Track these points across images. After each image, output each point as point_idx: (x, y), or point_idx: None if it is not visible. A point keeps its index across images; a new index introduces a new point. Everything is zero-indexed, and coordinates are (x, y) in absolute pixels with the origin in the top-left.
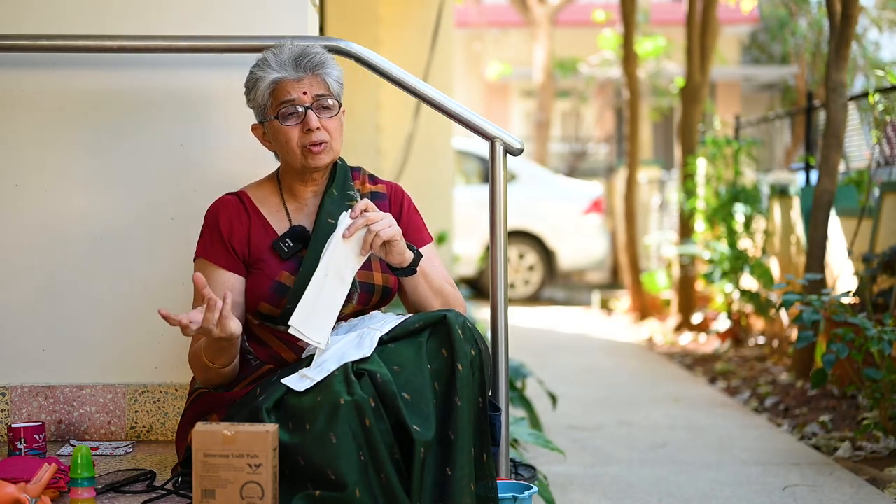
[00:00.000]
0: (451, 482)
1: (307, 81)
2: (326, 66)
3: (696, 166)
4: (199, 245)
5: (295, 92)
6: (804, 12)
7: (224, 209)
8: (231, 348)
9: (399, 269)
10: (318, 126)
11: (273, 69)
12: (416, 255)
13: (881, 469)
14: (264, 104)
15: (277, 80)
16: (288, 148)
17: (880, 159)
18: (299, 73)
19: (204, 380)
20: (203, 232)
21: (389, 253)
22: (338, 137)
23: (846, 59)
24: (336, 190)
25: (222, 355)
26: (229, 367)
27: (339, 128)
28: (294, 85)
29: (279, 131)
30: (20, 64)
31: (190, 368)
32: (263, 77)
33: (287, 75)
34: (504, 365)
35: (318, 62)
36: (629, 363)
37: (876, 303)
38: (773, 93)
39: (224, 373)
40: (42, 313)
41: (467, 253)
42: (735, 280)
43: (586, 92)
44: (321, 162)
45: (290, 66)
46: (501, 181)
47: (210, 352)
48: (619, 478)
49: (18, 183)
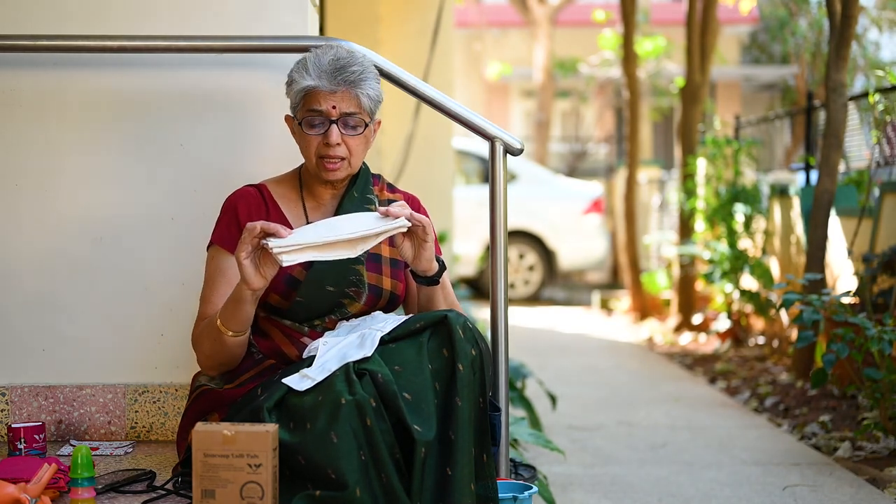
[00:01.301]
0: (452, 482)
1: (340, 96)
2: (363, 85)
3: (696, 166)
4: (216, 232)
5: (325, 104)
6: (804, 12)
7: (244, 199)
8: (247, 307)
9: (423, 278)
10: (338, 142)
11: (310, 75)
12: (442, 267)
13: (881, 469)
14: (296, 105)
15: (311, 88)
16: (307, 154)
17: (880, 159)
18: (334, 86)
19: (209, 354)
20: (220, 220)
21: (419, 256)
22: (359, 154)
23: (846, 59)
24: (356, 192)
25: (240, 316)
26: (240, 337)
27: (362, 145)
28: (326, 97)
29: (302, 136)
30: (20, 64)
31: (195, 349)
32: (299, 81)
33: (321, 85)
34: (504, 365)
35: (355, 79)
36: (629, 363)
37: (876, 303)
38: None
39: (232, 344)
40: (42, 313)
41: (467, 253)
42: (735, 280)
43: (586, 92)
44: (334, 178)
45: (328, 76)
46: (501, 181)
47: (227, 311)
48: (619, 478)
49: (18, 183)
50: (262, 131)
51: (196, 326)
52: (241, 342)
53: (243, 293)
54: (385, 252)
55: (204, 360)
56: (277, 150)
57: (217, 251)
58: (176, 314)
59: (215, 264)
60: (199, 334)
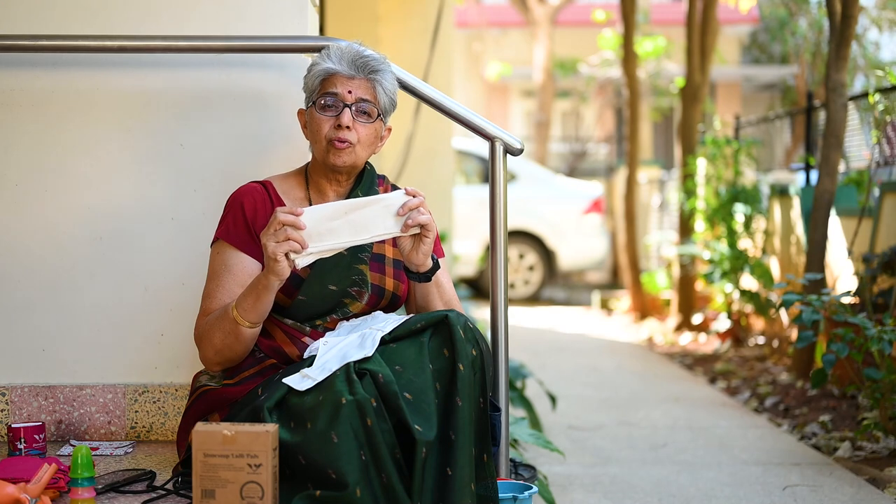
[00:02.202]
0: (452, 482)
1: (357, 82)
2: (381, 74)
3: (696, 166)
4: (220, 228)
5: (341, 87)
6: (804, 12)
7: (249, 195)
8: (269, 297)
9: (415, 274)
10: (348, 125)
11: (331, 60)
12: (435, 265)
13: (881, 469)
14: (313, 89)
15: (331, 71)
16: (317, 137)
17: (880, 159)
18: (353, 71)
19: (218, 348)
20: (225, 215)
21: (417, 249)
22: (366, 144)
23: (846, 59)
24: (362, 192)
25: (260, 307)
26: (255, 328)
27: (370, 136)
28: (344, 81)
29: (314, 118)
30: (20, 64)
31: (199, 344)
32: (320, 64)
33: (341, 70)
34: (504, 365)
35: (374, 68)
36: (629, 363)
37: (876, 303)
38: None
39: (246, 336)
40: (42, 313)
41: (467, 253)
42: (735, 280)
43: (586, 92)
44: (340, 160)
45: (348, 62)
46: (501, 181)
47: (248, 302)
48: (619, 478)
49: (18, 183)
50: (262, 131)
51: (199, 321)
52: (255, 334)
53: (270, 283)
54: (389, 252)
55: (212, 354)
56: (278, 149)
57: (222, 246)
58: (176, 314)
59: (221, 259)
60: (207, 328)
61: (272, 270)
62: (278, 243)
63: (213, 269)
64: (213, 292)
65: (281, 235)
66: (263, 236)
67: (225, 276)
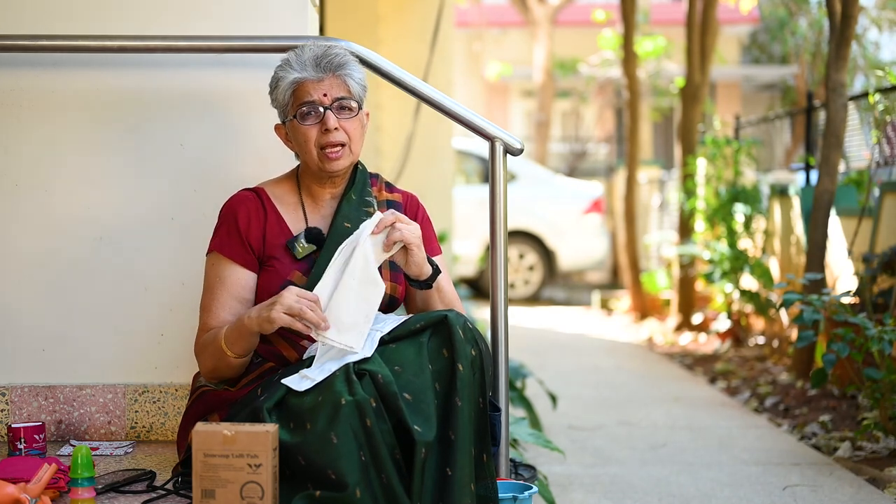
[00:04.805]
0: (452, 482)
1: (328, 82)
2: (348, 67)
3: (696, 166)
4: (214, 240)
5: (315, 93)
6: (804, 12)
7: (243, 204)
8: (254, 338)
9: (416, 282)
10: (336, 126)
11: (294, 69)
12: (436, 271)
13: (881, 469)
14: (286, 104)
15: (298, 80)
16: (306, 148)
17: (880, 159)
18: (320, 73)
19: (211, 369)
20: (219, 227)
21: (408, 262)
22: (357, 139)
23: (846, 59)
24: (354, 195)
25: (245, 344)
26: (243, 358)
27: (358, 129)
28: (315, 85)
29: (298, 131)
30: (20, 64)
31: (197, 359)
32: (285, 77)
33: (308, 75)
34: (504, 365)
35: (339, 63)
36: (629, 363)
37: (876, 303)
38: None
39: (235, 364)
40: (42, 313)
41: (467, 253)
42: (735, 280)
43: (586, 92)
44: (338, 167)
45: (311, 66)
46: (501, 181)
47: (233, 336)
48: (619, 478)
49: (18, 183)
50: (262, 131)
51: (199, 337)
52: (245, 362)
53: (263, 328)
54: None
55: (206, 372)
56: (277, 150)
57: (217, 259)
58: (176, 314)
59: (215, 272)
60: (202, 349)
61: (262, 326)
62: (291, 318)
63: (209, 282)
64: (210, 306)
65: (295, 310)
66: (275, 311)
67: (219, 290)
